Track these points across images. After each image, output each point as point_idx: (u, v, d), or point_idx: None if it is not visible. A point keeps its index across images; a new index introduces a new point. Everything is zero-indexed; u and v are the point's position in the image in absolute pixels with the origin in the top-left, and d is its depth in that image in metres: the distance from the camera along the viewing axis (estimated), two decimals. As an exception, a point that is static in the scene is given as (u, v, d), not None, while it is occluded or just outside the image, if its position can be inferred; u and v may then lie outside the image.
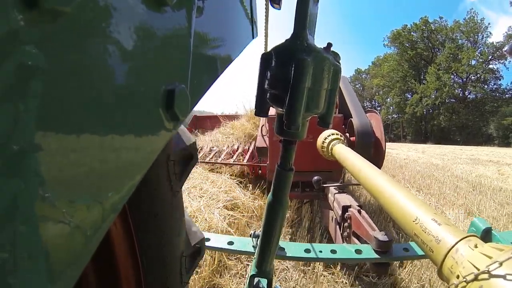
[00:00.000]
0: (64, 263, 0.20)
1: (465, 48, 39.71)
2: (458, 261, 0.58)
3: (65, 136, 0.19)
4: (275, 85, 0.59)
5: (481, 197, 4.61)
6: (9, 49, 0.16)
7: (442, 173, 7.18)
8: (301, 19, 0.59)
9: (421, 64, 44.11)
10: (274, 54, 0.59)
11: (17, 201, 0.16)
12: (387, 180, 1.05)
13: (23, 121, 0.16)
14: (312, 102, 0.58)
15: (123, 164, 0.25)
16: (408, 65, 44.56)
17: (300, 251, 1.45)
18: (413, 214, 0.79)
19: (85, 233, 0.21)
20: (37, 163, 0.17)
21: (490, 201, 4.44)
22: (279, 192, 0.75)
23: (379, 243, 1.41)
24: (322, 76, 0.57)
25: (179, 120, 0.33)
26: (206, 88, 0.43)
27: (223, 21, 0.50)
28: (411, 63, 44.53)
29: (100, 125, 0.22)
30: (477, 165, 9.22)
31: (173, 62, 0.33)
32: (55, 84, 0.18)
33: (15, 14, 0.16)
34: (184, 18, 0.34)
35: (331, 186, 2.31)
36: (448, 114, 39.97)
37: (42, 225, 0.18)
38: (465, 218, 3.59)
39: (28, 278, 0.17)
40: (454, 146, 23.17)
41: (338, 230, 2.00)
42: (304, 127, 0.64)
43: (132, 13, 0.25)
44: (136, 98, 0.27)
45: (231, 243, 1.47)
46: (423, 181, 5.83)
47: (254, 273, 0.86)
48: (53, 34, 0.18)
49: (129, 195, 0.27)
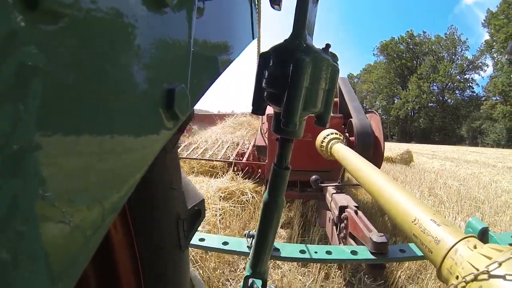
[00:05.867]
0: (64, 263, 0.20)
1: (445, 61, 47.07)
2: (457, 261, 0.58)
3: (65, 136, 0.19)
4: (273, 84, 0.59)
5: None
6: (9, 49, 0.16)
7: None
8: (300, 19, 0.59)
9: (406, 72, 50.77)
10: (272, 53, 0.60)
11: (17, 201, 0.16)
12: (386, 180, 1.05)
13: (23, 121, 0.16)
14: (310, 101, 0.58)
15: (123, 163, 0.25)
16: (394, 74, 51.31)
17: (295, 251, 1.44)
18: (412, 214, 0.79)
19: (85, 233, 0.21)
20: (37, 163, 0.17)
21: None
22: (275, 191, 0.74)
23: (375, 244, 1.39)
24: (320, 76, 0.58)
25: (179, 119, 0.33)
26: (206, 87, 0.43)
27: (223, 22, 0.50)
28: (397, 72, 51.24)
29: (100, 125, 0.22)
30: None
31: (173, 62, 0.33)
32: (55, 84, 0.18)
33: (15, 14, 0.16)
34: (184, 19, 0.34)
35: (330, 186, 2.31)
36: (427, 117, 47.34)
37: (42, 225, 0.18)
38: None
39: (28, 278, 0.17)
40: (451, 146, 24.14)
41: (335, 231, 1.99)
42: (301, 125, 0.65)
43: (133, 14, 0.25)
44: (137, 97, 0.27)
45: (226, 243, 1.46)
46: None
47: (249, 274, 0.85)
48: (53, 34, 0.18)
49: (129, 194, 0.27)
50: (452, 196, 4.65)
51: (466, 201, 4.39)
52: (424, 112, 47.50)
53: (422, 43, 49.80)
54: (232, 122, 6.20)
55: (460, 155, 13.93)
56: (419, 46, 50.02)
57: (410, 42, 50.24)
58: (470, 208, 4.13)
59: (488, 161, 11.47)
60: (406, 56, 50.52)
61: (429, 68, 47.77)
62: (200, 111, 8.02)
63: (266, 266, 0.87)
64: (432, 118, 46.84)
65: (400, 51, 50.71)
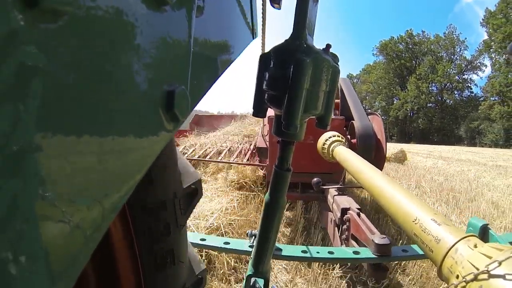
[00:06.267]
0: (64, 262, 0.20)
1: (443, 61, 46.88)
2: (458, 261, 0.58)
3: (65, 136, 0.19)
4: (273, 86, 0.59)
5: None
6: (9, 49, 0.15)
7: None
8: (300, 19, 0.58)
9: (405, 73, 50.47)
10: (273, 54, 0.59)
11: (17, 201, 0.16)
12: (387, 181, 1.05)
13: (23, 121, 0.16)
14: (311, 103, 0.58)
15: (123, 164, 0.25)
16: (393, 74, 50.98)
17: (296, 251, 1.45)
18: (413, 214, 0.79)
19: (85, 233, 0.21)
20: (37, 163, 0.17)
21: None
22: (276, 193, 0.75)
23: (377, 246, 1.38)
24: (321, 77, 0.57)
25: (179, 121, 0.33)
26: (206, 88, 0.43)
27: (224, 21, 0.50)
28: (396, 72, 50.88)
29: (100, 125, 0.22)
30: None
31: (173, 62, 0.33)
32: (55, 84, 0.18)
33: (15, 14, 0.16)
34: (184, 18, 0.34)
35: (331, 188, 2.30)
36: (426, 118, 47.21)
37: (42, 225, 0.18)
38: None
39: (28, 277, 0.17)
40: (448, 146, 24.65)
41: (337, 233, 1.99)
42: (302, 128, 0.64)
43: (132, 13, 0.25)
44: (137, 98, 0.27)
45: (227, 243, 1.46)
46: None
47: (251, 273, 0.86)
48: (53, 33, 0.18)
49: (129, 195, 0.27)
50: (435, 188, 5.12)
51: (446, 192, 4.83)
52: (423, 112, 47.31)
53: (421, 43, 49.62)
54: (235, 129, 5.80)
55: (454, 155, 14.08)
56: (418, 45, 49.90)
57: (409, 42, 50.05)
58: (447, 197, 4.53)
59: (480, 160, 11.68)
60: (405, 56, 50.29)
61: (427, 68, 47.64)
62: (199, 111, 7.93)
63: (268, 265, 0.88)
64: (431, 118, 46.91)
65: (399, 51, 50.53)
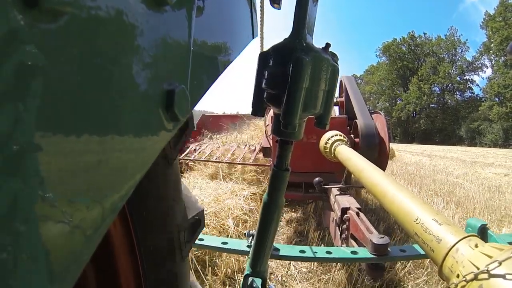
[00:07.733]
0: (64, 263, 0.20)
1: (445, 62, 47.46)
2: (458, 260, 0.58)
3: (65, 136, 0.19)
4: (272, 85, 0.59)
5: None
6: (9, 49, 0.15)
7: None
8: (300, 18, 0.58)
9: (407, 74, 51.01)
10: (272, 53, 0.59)
11: (17, 201, 0.16)
12: (389, 181, 1.05)
13: (23, 121, 0.16)
14: (310, 102, 0.58)
15: (123, 164, 0.25)
16: (396, 75, 51.51)
17: (294, 251, 1.45)
18: (414, 214, 0.79)
19: (85, 233, 0.21)
20: (37, 163, 0.17)
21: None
22: (274, 192, 0.74)
23: (375, 246, 1.40)
24: (320, 76, 0.57)
25: (179, 120, 0.33)
26: (206, 88, 0.43)
27: (223, 21, 0.50)
28: (399, 73, 51.43)
29: (100, 125, 0.22)
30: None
31: (173, 62, 0.33)
32: (55, 84, 0.18)
33: (15, 13, 0.15)
34: (184, 18, 0.34)
35: (333, 188, 2.30)
36: (428, 118, 47.92)
37: (42, 225, 0.18)
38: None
39: (28, 278, 0.17)
40: (444, 146, 25.87)
41: (337, 232, 2.00)
42: (301, 127, 0.64)
43: (132, 13, 0.25)
44: (136, 97, 0.27)
45: (225, 243, 1.46)
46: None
47: (249, 272, 0.86)
48: (53, 34, 0.18)
49: (129, 195, 0.26)
50: (405, 174, 6.99)
51: (414, 177, 6.62)
52: (425, 113, 47.69)
53: (423, 44, 49.86)
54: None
55: (445, 153, 14.99)
56: (420, 47, 50.11)
57: (412, 43, 50.25)
58: (414, 180, 6.18)
59: (465, 158, 12.74)
60: (408, 58, 50.56)
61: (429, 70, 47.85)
62: (205, 112, 7.77)
63: (266, 265, 0.88)
64: (432, 119, 47.13)
65: (402, 52, 50.75)
